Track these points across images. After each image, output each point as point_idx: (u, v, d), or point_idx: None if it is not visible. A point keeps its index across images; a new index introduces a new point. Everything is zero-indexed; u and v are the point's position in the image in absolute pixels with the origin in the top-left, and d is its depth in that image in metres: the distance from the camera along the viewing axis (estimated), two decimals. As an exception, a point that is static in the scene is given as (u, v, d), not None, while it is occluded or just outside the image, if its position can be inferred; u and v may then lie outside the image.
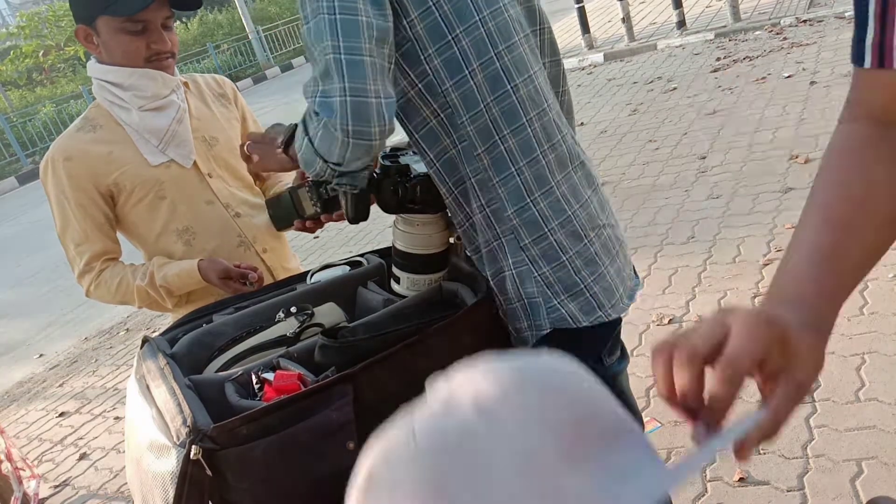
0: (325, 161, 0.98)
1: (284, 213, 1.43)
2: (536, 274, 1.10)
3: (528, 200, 1.09)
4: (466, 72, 1.03)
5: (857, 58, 0.67)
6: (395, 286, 1.24)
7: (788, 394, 0.56)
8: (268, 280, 1.66)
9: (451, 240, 1.21)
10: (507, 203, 1.08)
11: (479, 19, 1.03)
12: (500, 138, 1.07)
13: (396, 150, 1.20)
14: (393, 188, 1.10)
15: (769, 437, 0.56)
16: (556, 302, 1.11)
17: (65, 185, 1.53)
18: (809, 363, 0.57)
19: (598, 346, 1.18)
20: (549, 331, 1.12)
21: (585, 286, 1.13)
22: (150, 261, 1.58)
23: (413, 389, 1.05)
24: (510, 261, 1.11)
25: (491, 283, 1.15)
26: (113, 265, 1.59)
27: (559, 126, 1.13)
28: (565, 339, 1.10)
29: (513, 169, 1.08)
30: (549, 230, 1.10)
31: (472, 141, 1.06)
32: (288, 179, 1.75)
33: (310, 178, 1.35)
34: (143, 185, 1.55)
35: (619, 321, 1.20)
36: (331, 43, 0.92)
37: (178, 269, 1.53)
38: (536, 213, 1.09)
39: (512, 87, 1.06)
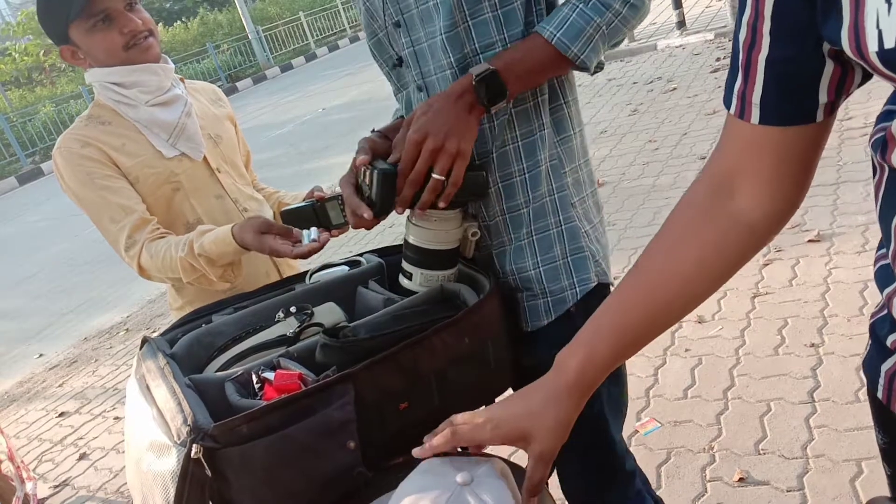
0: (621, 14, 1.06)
1: (305, 224, 1.50)
2: (584, 230, 1.21)
3: (578, 163, 1.22)
4: None
5: (726, 101, 0.68)
6: (405, 282, 1.23)
7: (534, 465, 0.80)
8: (274, 276, 1.67)
9: (470, 234, 1.21)
10: (565, 161, 1.20)
11: None
12: (565, 102, 1.20)
13: None
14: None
15: (534, 495, 0.82)
16: (598, 257, 1.23)
17: (89, 166, 1.50)
18: (546, 439, 0.79)
19: None
20: (594, 284, 1.21)
21: (606, 251, 1.28)
22: (193, 231, 1.50)
23: (414, 389, 1.06)
24: (561, 216, 1.20)
25: (532, 238, 1.20)
26: (158, 239, 1.52)
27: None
28: (601, 296, 1.21)
29: (570, 133, 1.21)
30: (587, 194, 1.24)
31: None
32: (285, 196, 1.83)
33: (327, 195, 1.47)
34: (157, 176, 1.55)
35: None
36: None
37: (214, 236, 1.44)
38: (581, 176, 1.23)
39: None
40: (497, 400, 1.37)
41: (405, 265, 1.23)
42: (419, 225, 1.17)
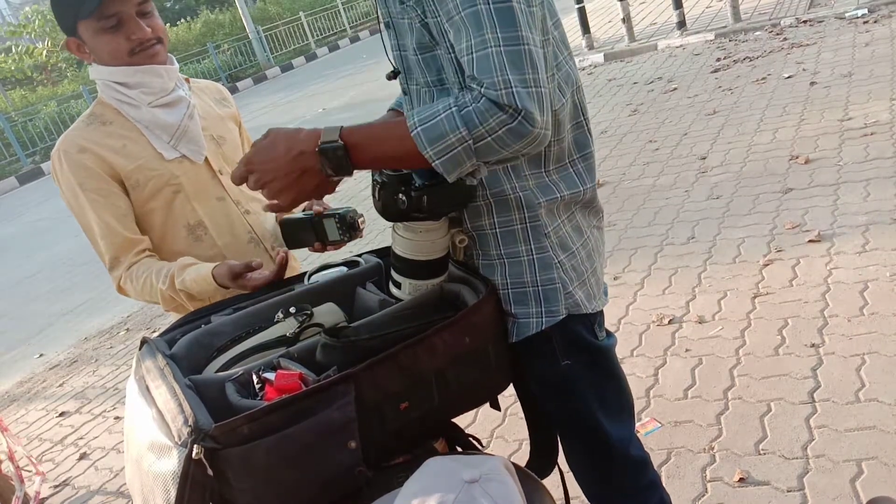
0: (475, 152, 0.96)
1: (302, 235, 1.51)
2: (557, 261, 1.15)
3: (558, 195, 1.15)
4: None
5: None
6: (395, 291, 1.23)
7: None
8: None
9: (457, 241, 1.20)
10: (538, 192, 1.13)
11: (553, 22, 1.09)
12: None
13: None
14: (397, 198, 1.07)
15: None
16: (571, 288, 1.17)
17: (82, 176, 1.50)
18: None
19: (592, 325, 1.24)
20: (563, 316, 1.17)
21: (587, 277, 1.21)
22: (175, 261, 1.51)
23: (414, 389, 1.06)
24: (533, 245, 1.15)
25: (504, 261, 1.16)
26: (142, 261, 1.53)
27: (590, 135, 1.21)
28: (571, 324, 1.18)
29: (542, 170, 1.14)
30: (560, 222, 1.17)
31: None
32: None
33: (325, 212, 1.44)
34: (158, 178, 1.55)
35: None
36: (519, 34, 0.93)
37: (196, 274, 1.46)
38: (557, 206, 1.16)
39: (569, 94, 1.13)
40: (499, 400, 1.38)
41: (394, 274, 1.22)
42: (405, 236, 1.16)
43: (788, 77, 5.36)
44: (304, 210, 1.69)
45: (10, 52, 21.40)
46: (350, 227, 1.47)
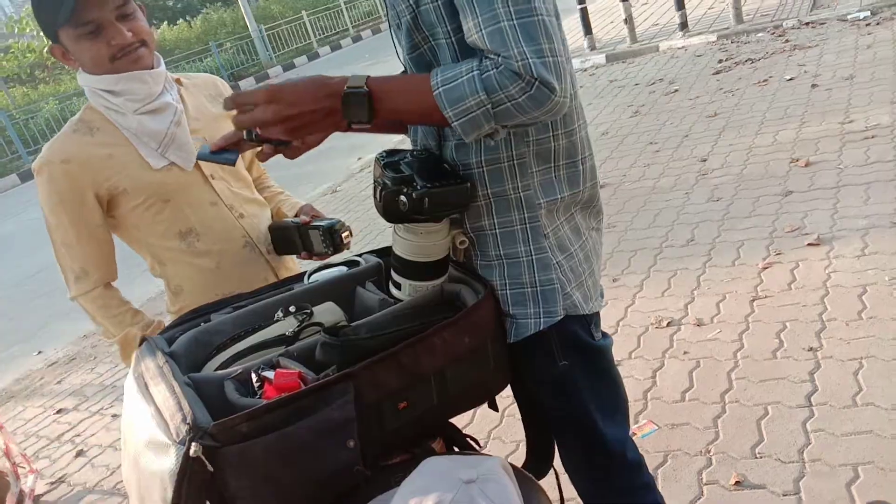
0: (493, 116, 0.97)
1: (289, 242, 1.55)
2: (555, 262, 1.16)
3: (558, 196, 1.15)
4: None
5: None
6: (395, 292, 1.23)
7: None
8: (271, 280, 1.66)
9: (458, 242, 1.20)
10: (540, 192, 1.13)
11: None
12: (553, 135, 1.12)
13: (394, 154, 1.17)
14: (398, 199, 1.07)
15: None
16: (569, 289, 1.18)
17: (62, 188, 1.50)
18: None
19: (588, 325, 1.25)
20: (561, 317, 1.17)
21: (584, 278, 1.21)
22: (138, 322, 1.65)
23: (414, 389, 1.06)
24: (532, 246, 1.15)
25: (502, 261, 1.16)
26: (106, 285, 1.62)
27: (587, 143, 1.22)
28: (568, 324, 1.19)
29: (550, 164, 1.14)
30: (559, 223, 1.17)
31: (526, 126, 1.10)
32: (289, 197, 1.85)
33: (312, 222, 1.43)
34: (145, 188, 1.53)
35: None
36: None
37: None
38: (558, 206, 1.16)
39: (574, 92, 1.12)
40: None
41: (394, 275, 1.22)
42: (406, 238, 1.15)
43: (790, 79, 5.36)
44: (296, 215, 1.68)
45: (8, 52, 21.37)
46: (333, 240, 1.48)
